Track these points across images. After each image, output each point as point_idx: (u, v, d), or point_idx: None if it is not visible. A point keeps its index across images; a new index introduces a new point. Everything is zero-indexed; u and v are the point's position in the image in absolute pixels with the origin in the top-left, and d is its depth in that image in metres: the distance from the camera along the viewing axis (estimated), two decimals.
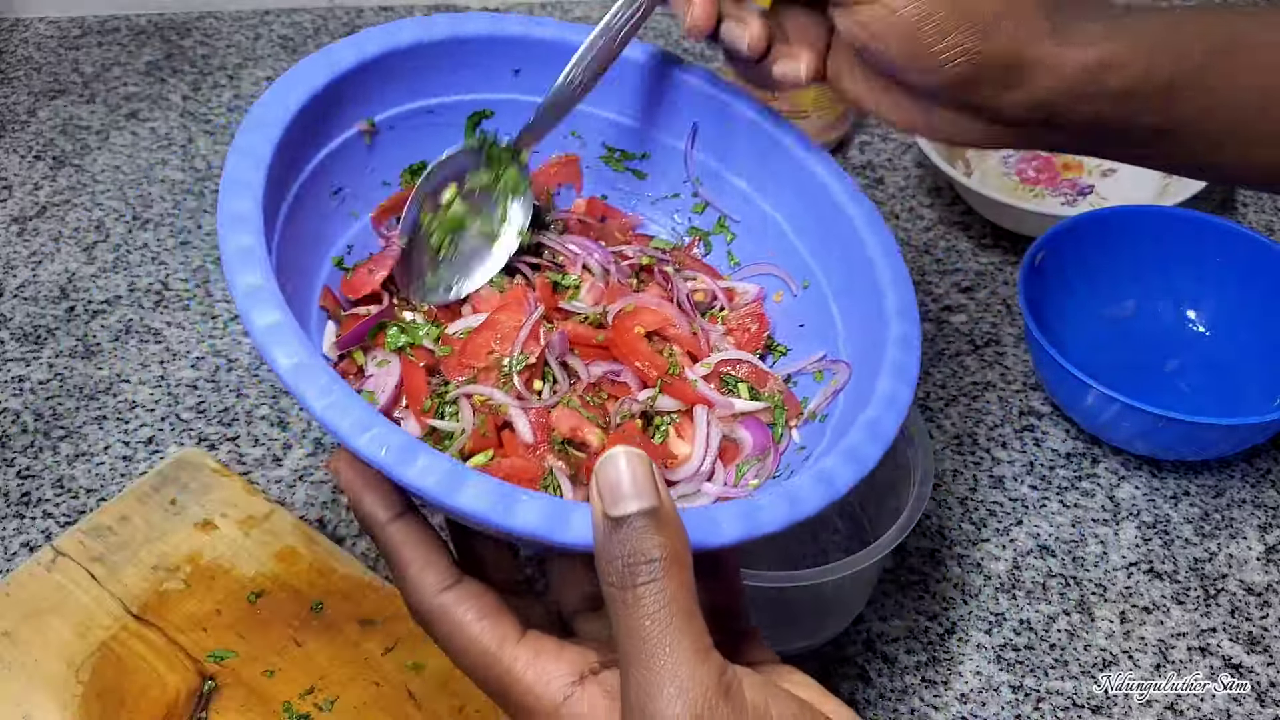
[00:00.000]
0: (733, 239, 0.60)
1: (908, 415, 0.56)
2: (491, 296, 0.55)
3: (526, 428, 0.51)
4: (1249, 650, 0.63)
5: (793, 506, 0.43)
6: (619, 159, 0.60)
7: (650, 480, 0.39)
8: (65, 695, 0.59)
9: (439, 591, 0.43)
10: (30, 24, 1.07)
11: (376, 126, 0.54)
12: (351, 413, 0.41)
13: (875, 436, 0.47)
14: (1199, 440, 0.67)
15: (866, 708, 0.60)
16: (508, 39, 0.55)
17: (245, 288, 0.42)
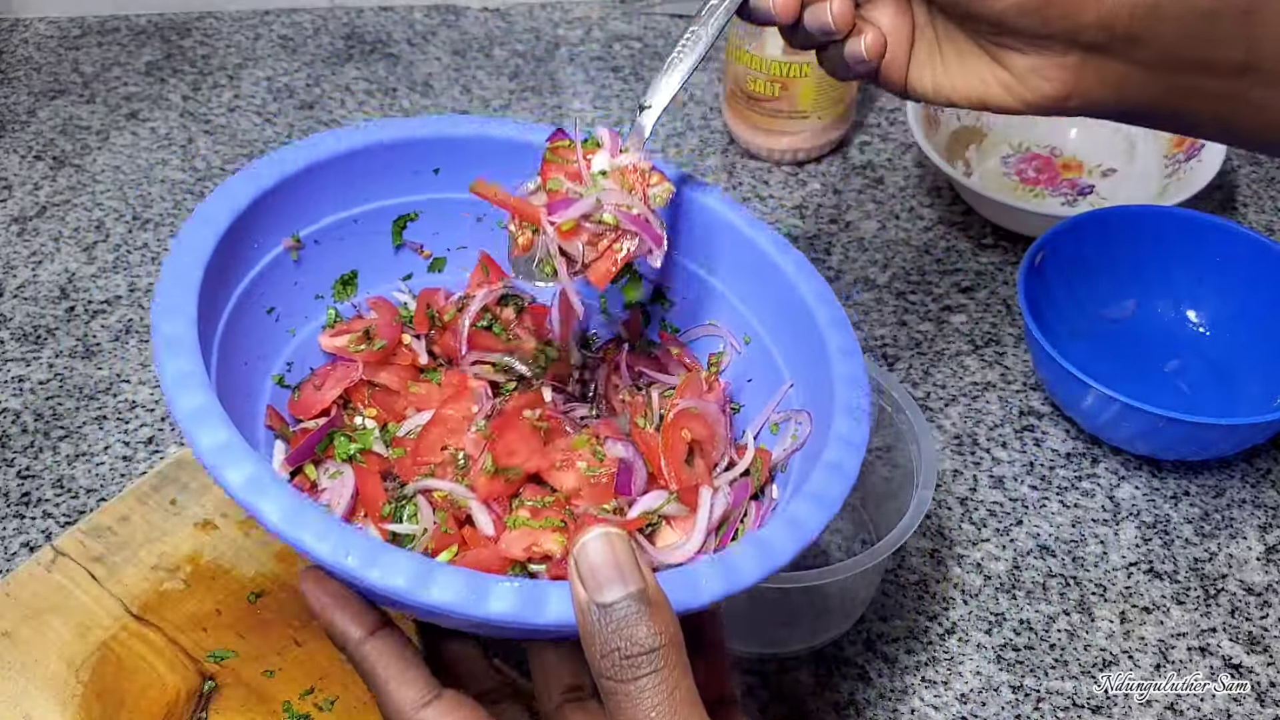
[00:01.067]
0: (670, 306, 0.61)
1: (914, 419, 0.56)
2: (433, 392, 0.56)
3: (487, 520, 0.50)
4: (1249, 650, 0.63)
5: (767, 557, 0.43)
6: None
7: (633, 560, 0.38)
8: (65, 695, 0.59)
9: (419, 708, 0.42)
10: (30, 24, 1.07)
11: (302, 241, 0.54)
12: (311, 523, 0.40)
13: (839, 477, 0.47)
14: (1199, 440, 0.67)
15: (866, 708, 0.60)
16: (427, 141, 0.56)
17: (188, 409, 0.42)
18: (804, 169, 0.91)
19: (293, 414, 0.54)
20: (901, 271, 0.83)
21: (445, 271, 0.59)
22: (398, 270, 0.58)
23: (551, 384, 0.58)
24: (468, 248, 0.59)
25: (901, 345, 0.78)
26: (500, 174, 0.56)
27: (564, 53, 1.03)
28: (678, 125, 0.95)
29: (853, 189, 0.90)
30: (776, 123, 0.89)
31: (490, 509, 0.51)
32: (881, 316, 0.80)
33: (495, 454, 0.52)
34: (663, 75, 0.52)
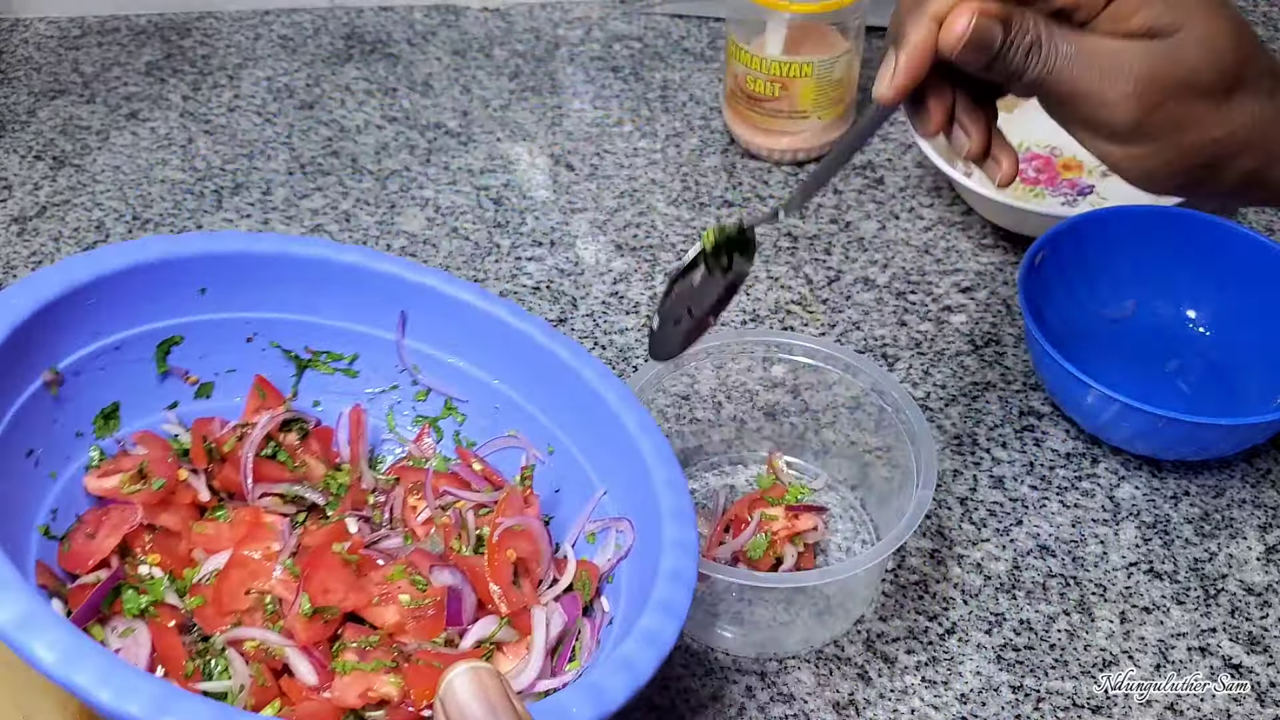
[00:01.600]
0: (463, 420, 0.59)
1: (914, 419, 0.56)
2: (221, 530, 0.52)
3: (309, 669, 0.47)
4: (1249, 650, 0.63)
5: (631, 674, 0.43)
6: (325, 361, 0.58)
7: (505, 696, 0.35)
8: (65, 695, 0.59)
9: None
10: (30, 24, 1.07)
11: (61, 375, 0.50)
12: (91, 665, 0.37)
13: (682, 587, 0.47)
14: (1199, 440, 0.67)
15: (866, 708, 0.60)
16: (186, 259, 0.53)
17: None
18: (804, 169, 0.91)
19: (65, 569, 0.50)
20: (901, 271, 0.83)
21: (214, 397, 0.56)
22: (163, 399, 0.55)
23: (354, 514, 0.55)
24: (237, 370, 0.56)
25: (901, 345, 0.78)
26: (267, 291, 0.54)
27: (564, 53, 1.03)
28: (677, 125, 0.95)
29: (853, 189, 0.90)
30: (776, 123, 0.89)
31: (311, 655, 0.48)
32: (881, 316, 0.80)
33: (310, 593, 0.49)
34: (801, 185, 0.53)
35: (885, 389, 0.63)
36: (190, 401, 0.56)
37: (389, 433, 0.61)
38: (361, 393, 0.60)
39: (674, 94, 0.98)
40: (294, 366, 0.58)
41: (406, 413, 0.60)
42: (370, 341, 0.58)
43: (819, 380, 0.66)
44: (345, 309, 0.57)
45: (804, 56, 0.85)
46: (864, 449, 0.67)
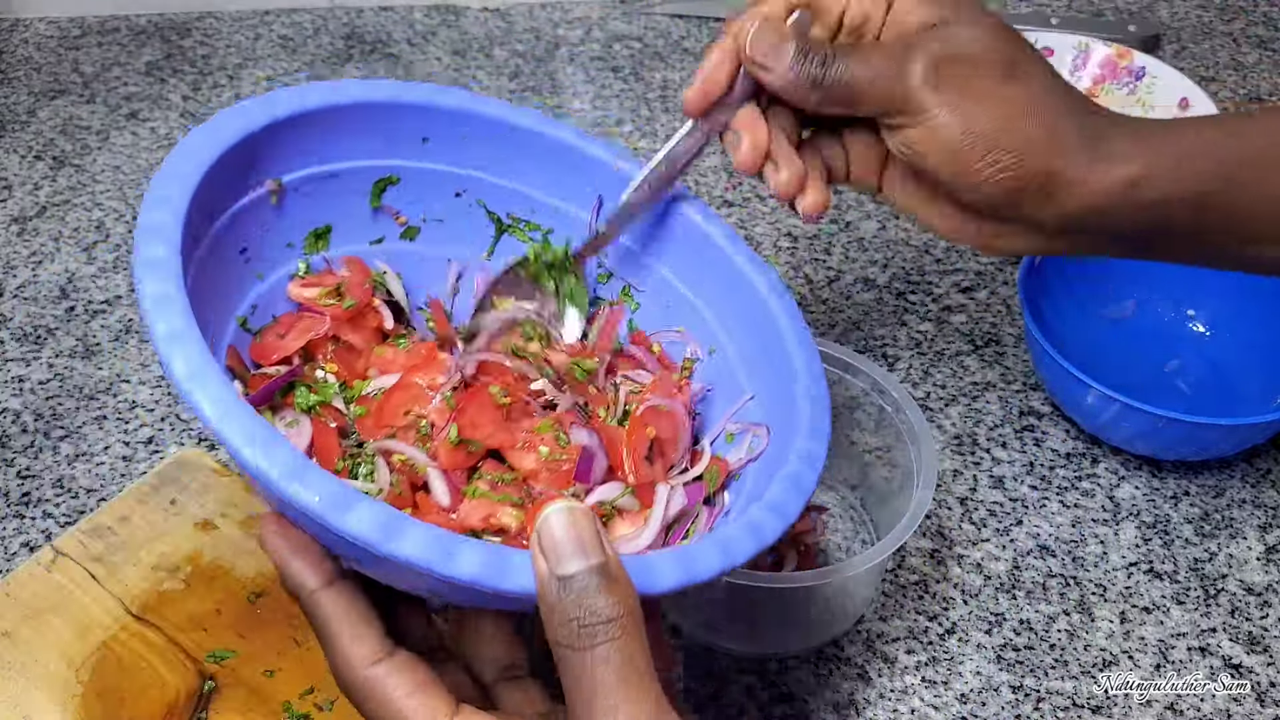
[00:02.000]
0: (636, 308, 0.61)
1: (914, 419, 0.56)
2: (398, 356, 0.55)
3: (444, 489, 0.50)
4: (1249, 650, 0.63)
5: (725, 554, 0.44)
6: (523, 229, 0.60)
7: (595, 535, 0.38)
8: (65, 695, 0.59)
9: (370, 664, 0.42)
10: (30, 24, 1.07)
11: (284, 187, 0.53)
12: (281, 459, 0.39)
13: (797, 491, 0.48)
14: (1199, 440, 0.67)
15: (866, 708, 0.60)
16: (415, 106, 0.55)
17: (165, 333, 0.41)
18: None
19: (253, 358, 0.53)
20: (901, 271, 0.83)
21: (415, 241, 0.59)
22: (371, 233, 0.58)
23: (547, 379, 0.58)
24: (444, 221, 0.59)
25: (901, 345, 0.78)
26: (483, 151, 0.57)
27: (564, 53, 1.03)
28: (677, 125, 0.95)
29: (852, 189, 0.90)
30: None
31: (448, 478, 0.51)
32: (881, 316, 0.80)
33: (460, 425, 0.52)
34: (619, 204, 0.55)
35: (885, 389, 0.63)
36: (395, 240, 0.59)
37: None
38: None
39: (674, 94, 0.98)
40: (494, 228, 0.60)
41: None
42: (566, 218, 0.60)
43: None
44: (550, 183, 0.59)
45: None
46: (864, 449, 0.67)
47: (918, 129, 0.50)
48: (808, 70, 0.51)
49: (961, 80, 0.49)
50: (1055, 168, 0.49)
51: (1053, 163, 0.49)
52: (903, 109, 0.50)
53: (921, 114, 0.50)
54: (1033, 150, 0.49)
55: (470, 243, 0.60)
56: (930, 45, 0.50)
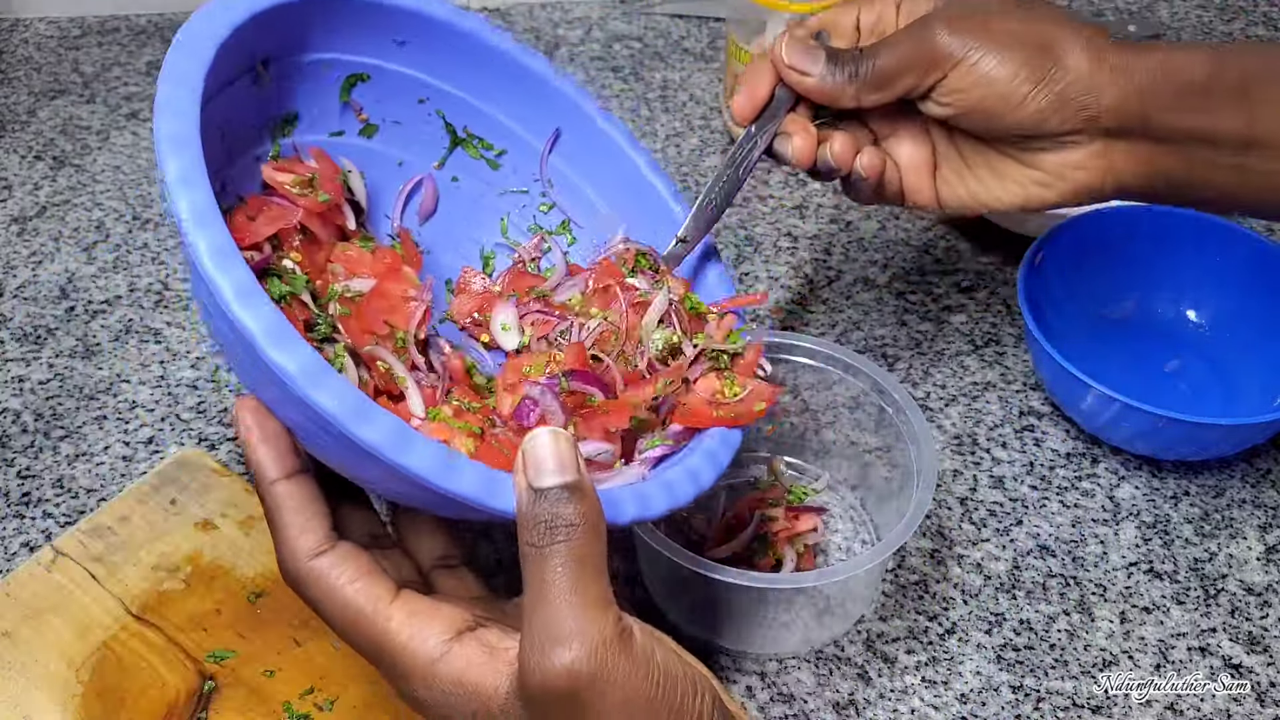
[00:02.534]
0: (573, 242, 0.63)
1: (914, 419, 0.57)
2: (363, 257, 0.56)
3: (419, 403, 0.52)
4: (1249, 650, 0.63)
5: (671, 495, 0.49)
6: (477, 146, 0.62)
7: (574, 458, 0.42)
8: (65, 695, 0.59)
9: (313, 556, 0.45)
10: (30, 24, 1.07)
11: (267, 71, 0.54)
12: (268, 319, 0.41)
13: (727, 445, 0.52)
14: (1199, 440, 0.67)
15: (866, 708, 0.60)
16: (401, 9, 0.56)
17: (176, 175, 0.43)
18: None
19: None
20: (901, 271, 0.83)
21: (373, 140, 0.60)
22: (334, 125, 0.59)
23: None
24: (401, 124, 0.60)
25: (901, 345, 0.78)
26: (454, 64, 0.59)
27: (564, 53, 1.03)
28: (677, 125, 0.95)
29: None
30: None
31: (422, 393, 0.53)
32: (881, 316, 0.80)
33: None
34: (694, 211, 0.58)
35: (886, 389, 0.63)
36: (353, 135, 0.60)
37: (502, 238, 0.64)
38: (495, 185, 0.63)
39: (674, 94, 0.98)
40: (449, 139, 0.62)
41: (521, 222, 0.64)
42: (521, 144, 0.62)
43: (819, 380, 0.66)
44: (512, 106, 0.61)
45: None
46: (864, 449, 0.67)
47: (953, 74, 0.54)
48: (843, 68, 0.56)
49: (979, 24, 0.54)
50: (1092, 64, 0.54)
51: (1089, 60, 0.54)
52: (934, 65, 0.54)
53: (952, 60, 0.54)
54: (1064, 48, 0.54)
55: (423, 149, 0.61)
56: (943, 10, 0.55)
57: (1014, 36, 0.54)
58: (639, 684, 0.40)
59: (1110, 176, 0.57)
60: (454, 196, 0.63)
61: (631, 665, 0.40)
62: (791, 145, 0.57)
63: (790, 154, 0.58)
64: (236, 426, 0.46)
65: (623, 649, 0.40)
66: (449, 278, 0.63)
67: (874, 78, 0.56)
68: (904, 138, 0.60)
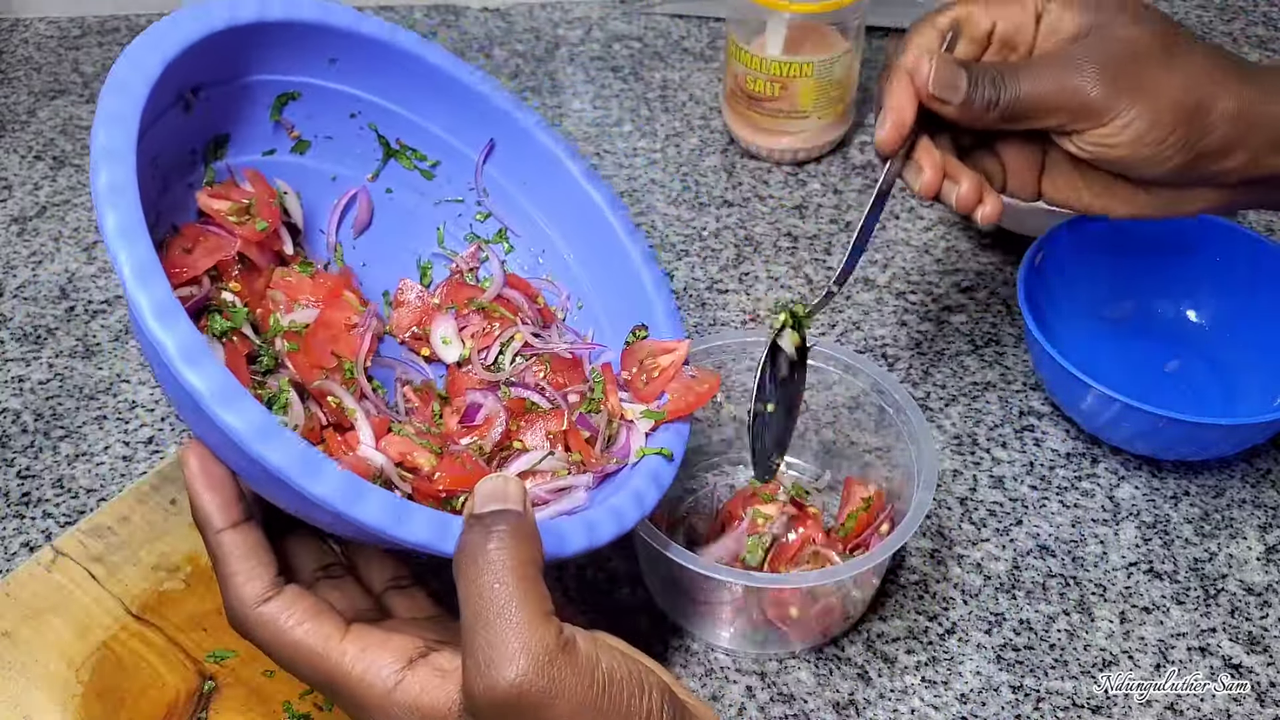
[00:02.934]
0: (510, 250, 0.64)
1: (914, 419, 0.57)
2: (303, 282, 0.57)
3: (369, 432, 0.52)
4: (1249, 650, 0.63)
5: (618, 521, 0.50)
6: (410, 157, 0.62)
7: (519, 495, 0.44)
8: (65, 695, 0.59)
9: (260, 603, 0.45)
10: (30, 24, 1.07)
11: (197, 96, 0.54)
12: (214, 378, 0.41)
13: (669, 466, 0.55)
14: (1199, 440, 0.67)
15: (866, 708, 0.60)
16: (333, 29, 0.56)
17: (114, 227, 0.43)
18: (804, 169, 0.91)
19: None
20: (901, 271, 0.83)
21: (305, 155, 0.60)
22: (266, 144, 0.59)
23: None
24: (334, 139, 0.60)
25: (901, 345, 0.78)
26: (385, 79, 0.59)
27: (564, 53, 1.03)
28: (677, 125, 0.95)
29: (853, 189, 0.90)
30: (776, 123, 0.89)
31: (372, 424, 0.53)
32: (881, 316, 0.80)
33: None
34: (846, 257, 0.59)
35: (886, 389, 0.63)
36: (285, 153, 0.60)
37: (438, 248, 0.64)
38: (429, 195, 0.63)
39: (674, 94, 0.98)
40: (382, 152, 0.62)
41: (458, 231, 0.64)
42: (455, 155, 0.62)
43: (819, 380, 0.66)
44: (445, 118, 0.61)
45: (804, 56, 0.85)
46: (864, 449, 0.67)
47: (1106, 128, 0.54)
48: (983, 95, 0.55)
49: (1134, 76, 0.54)
50: (1231, 127, 0.54)
51: (1228, 122, 0.54)
52: (1085, 115, 0.54)
53: (1107, 115, 0.54)
54: (1208, 117, 0.54)
55: (356, 162, 0.62)
56: (1094, 50, 0.54)
57: (1169, 97, 0.54)
58: (584, 692, 0.41)
59: (1223, 208, 0.58)
60: (389, 208, 0.63)
61: (576, 675, 0.41)
62: (921, 180, 0.57)
63: (918, 188, 0.58)
64: (182, 466, 0.46)
65: (567, 660, 0.41)
66: (386, 289, 0.63)
67: (1012, 111, 0.55)
68: (1015, 140, 0.59)
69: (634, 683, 0.43)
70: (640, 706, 0.42)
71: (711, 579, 0.56)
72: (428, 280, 0.64)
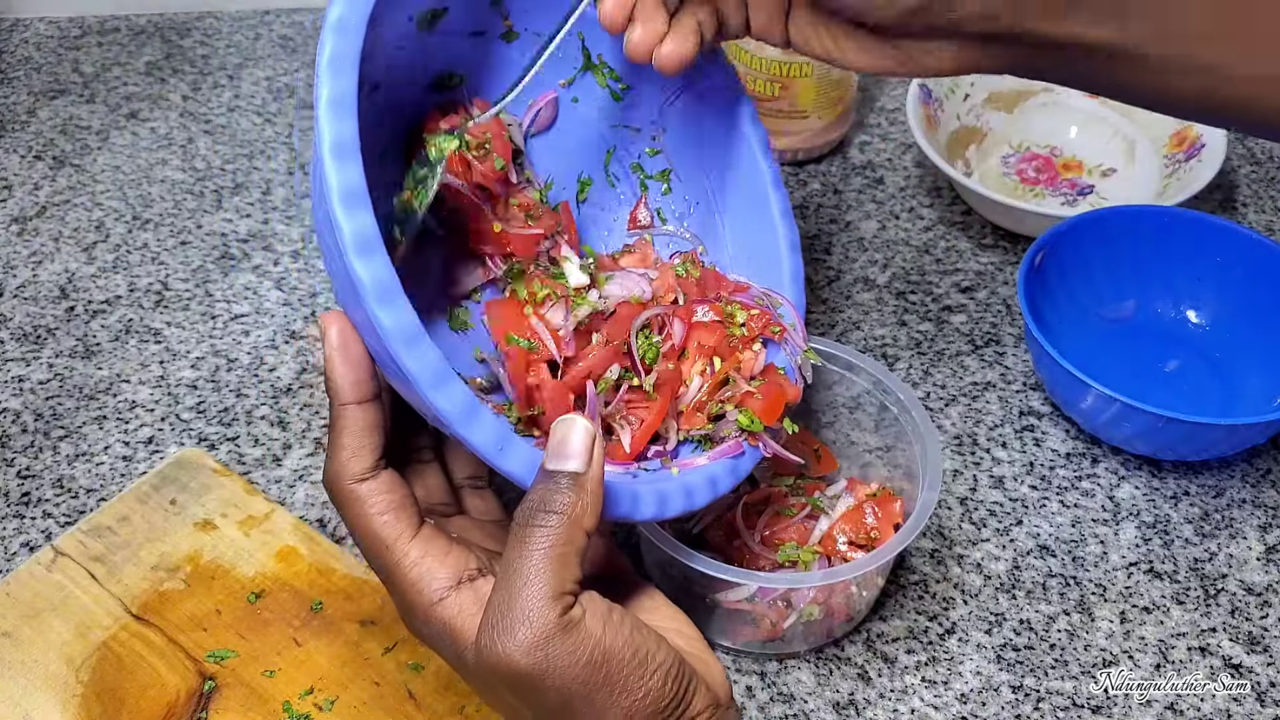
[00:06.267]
0: (668, 192, 0.63)
1: (917, 419, 0.57)
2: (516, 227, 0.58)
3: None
4: (1249, 650, 0.63)
5: (686, 500, 0.52)
6: (606, 75, 0.62)
7: (588, 449, 0.46)
8: (65, 695, 0.59)
9: (356, 481, 0.48)
10: (30, 24, 1.07)
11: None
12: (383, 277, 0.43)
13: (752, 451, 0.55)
14: (1199, 440, 0.67)
15: (866, 708, 0.60)
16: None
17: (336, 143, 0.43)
18: (804, 169, 0.91)
19: None
20: (901, 271, 0.83)
21: (512, 45, 0.60)
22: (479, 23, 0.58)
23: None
24: (542, 37, 0.57)
25: (901, 345, 0.78)
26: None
27: None
28: None
29: (853, 189, 0.90)
30: (776, 122, 0.89)
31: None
32: (881, 316, 0.80)
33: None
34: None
35: (890, 388, 0.63)
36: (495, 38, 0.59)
37: (602, 172, 0.64)
38: (610, 117, 0.63)
39: None
40: (582, 61, 0.61)
41: (625, 159, 0.64)
42: (649, 87, 0.61)
43: (818, 380, 0.66)
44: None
45: (804, 56, 0.85)
46: (864, 449, 0.67)
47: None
48: None
49: None
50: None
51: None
52: None
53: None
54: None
55: (554, 66, 0.61)
56: None
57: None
58: (575, 671, 0.43)
59: (967, 66, 0.53)
60: (570, 116, 0.63)
61: (569, 655, 0.43)
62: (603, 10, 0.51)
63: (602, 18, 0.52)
64: (322, 333, 0.48)
65: (562, 639, 0.43)
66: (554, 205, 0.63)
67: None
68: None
69: (634, 662, 0.44)
70: (637, 685, 0.44)
71: (716, 579, 0.56)
72: (584, 195, 0.64)
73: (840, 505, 0.63)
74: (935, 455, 0.59)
